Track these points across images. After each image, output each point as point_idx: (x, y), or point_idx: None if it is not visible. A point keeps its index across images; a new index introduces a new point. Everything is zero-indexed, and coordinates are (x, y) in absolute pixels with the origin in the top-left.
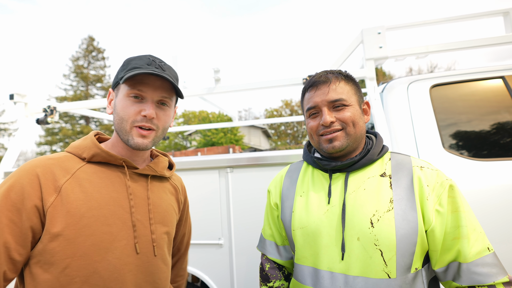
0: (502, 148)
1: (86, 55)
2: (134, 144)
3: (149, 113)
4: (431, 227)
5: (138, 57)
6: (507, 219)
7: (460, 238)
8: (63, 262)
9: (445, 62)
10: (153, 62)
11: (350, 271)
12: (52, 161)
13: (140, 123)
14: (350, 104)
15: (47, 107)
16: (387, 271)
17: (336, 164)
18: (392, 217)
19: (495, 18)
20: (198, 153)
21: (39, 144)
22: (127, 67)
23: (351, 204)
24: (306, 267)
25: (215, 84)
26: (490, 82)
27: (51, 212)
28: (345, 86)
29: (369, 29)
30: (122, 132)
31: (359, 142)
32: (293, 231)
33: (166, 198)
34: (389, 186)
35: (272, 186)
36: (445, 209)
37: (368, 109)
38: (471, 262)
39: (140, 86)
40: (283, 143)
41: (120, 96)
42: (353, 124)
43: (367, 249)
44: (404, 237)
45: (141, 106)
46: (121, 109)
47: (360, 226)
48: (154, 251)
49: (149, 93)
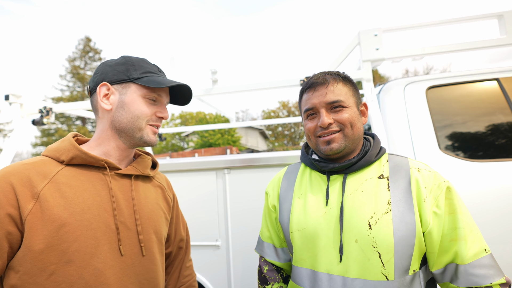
0: (497, 149)
1: (82, 56)
2: (149, 141)
3: (166, 115)
4: (428, 229)
5: (143, 60)
6: (503, 220)
7: (458, 240)
8: (48, 269)
9: (440, 63)
10: (161, 70)
11: (348, 273)
12: (28, 166)
13: (155, 123)
14: (348, 106)
15: (43, 108)
16: (385, 273)
17: (334, 165)
18: (390, 219)
19: (490, 21)
20: (195, 154)
21: (35, 145)
22: (140, 69)
23: (349, 206)
24: (304, 269)
25: (213, 85)
26: (485, 84)
27: (30, 220)
28: (343, 87)
29: (366, 31)
30: (134, 129)
31: (357, 144)
32: (291, 233)
33: (152, 197)
34: (387, 188)
35: (270, 188)
36: (443, 211)
37: (366, 110)
38: (468, 264)
39: (159, 91)
40: (280, 144)
41: (133, 96)
42: (351, 125)
43: (365, 251)
44: (402, 239)
45: (156, 108)
46: (137, 108)
47: (358, 228)
48: (142, 251)
49: (164, 98)
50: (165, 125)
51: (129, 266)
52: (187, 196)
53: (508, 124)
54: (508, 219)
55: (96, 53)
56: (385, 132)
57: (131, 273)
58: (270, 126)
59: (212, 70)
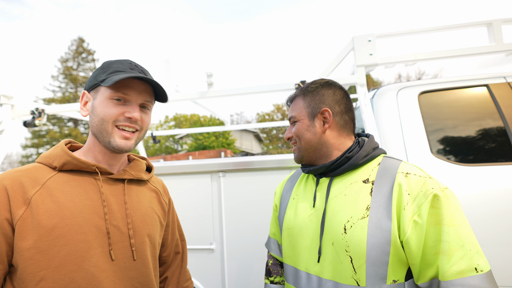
0: (487, 154)
1: (75, 57)
2: (116, 146)
3: (135, 115)
4: (405, 238)
5: (118, 61)
6: (492, 223)
7: (440, 254)
8: (37, 275)
9: (432, 69)
10: (136, 67)
11: (323, 274)
12: (21, 173)
13: (123, 123)
14: (299, 119)
15: (35, 109)
16: (356, 278)
17: (309, 168)
18: (365, 225)
19: (480, 28)
20: (189, 156)
21: (25, 146)
22: (108, 70)
23: (331, 209)
24: (289, 266)
25: (208, 88)
26: (475, 90)
27: (20, 225)
28: (300, 101)
29: (360, 36)
30: (102, 133)
31: (318, 152)
32: (283, 231)
33: (146, 201)
34: (369, 193)
35: (277, 188)
36: (425, 220)
37: (328, 116)
38: (449, 281)
39: (124, 89)
40: (274, 147)
41: (100, 98)
42: (298, 138)
43: (339, 254)
44: (375, 245)
45: (125, 108)
46: (102, 110)
47: (335, 231)
48: (134, 255)
49: (133, 97)
50: (159, 127)
51: (122, 270)
52: (181, 200)
53: (497, 129)
54: (497, 222)
55: (89, 54)
56: (378, 135)
57: (125, 276)
58: (264, 129)
59: (207, 73)
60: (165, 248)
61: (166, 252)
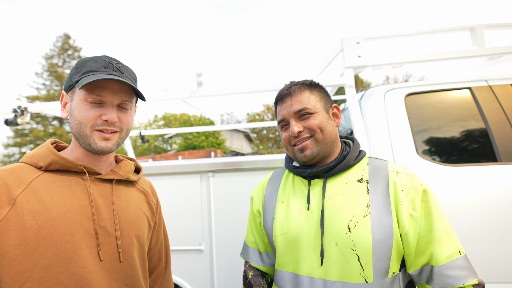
0: (470, 154)
1: (61, 53)
2: (97, 148)
3: (111, 117)
4: (405, 231)
5: (93, 59)
6: (476, 221)
7: (433, 242)
8: (21, 277)
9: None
10: (110, 65)
11: (329, 276)
12: (5, 172)
13: (101, 127)
14: (315, 112)
15: (17, 107)
16: (364, 275)
17: (312, 170)
18: (368, 222)
19: (463, 33)
20: (178, 156)
21: (7, 145)
22: (82, 69)
23: (329, 209)
24: (286, 273)
25: (198, 88)
26: (459, 93)
27: (4, 226)
28: (308, 94)
29: (349, 38)
30: (82, 137)
31: (332, 147)
32: (275, 237)
33: (134, 202)
34: (366, 191)
35: (255, 193)
36: (419, 213)
37: (338, 112)
38: (442, 265)
39: (98, 91)
40: (265, 147)
41: (76, 100)
42: (320, 130)
43: (345, 254)
44: (380, 241)
45: (101, 110)
46: (79, 114)
47: (338, 232)
48: (120, 257)
49: (108, 98)
50: (147, 126)
51: (109, 272)
52: (170, 200)
53: (480, 130)
54: (480, 221)
55: (75, 51)
56: (366, 136)
57: (112, 278)
58: (254, 129)
59: (197, 72)
60: (149, 249)
61: (149, 253)
